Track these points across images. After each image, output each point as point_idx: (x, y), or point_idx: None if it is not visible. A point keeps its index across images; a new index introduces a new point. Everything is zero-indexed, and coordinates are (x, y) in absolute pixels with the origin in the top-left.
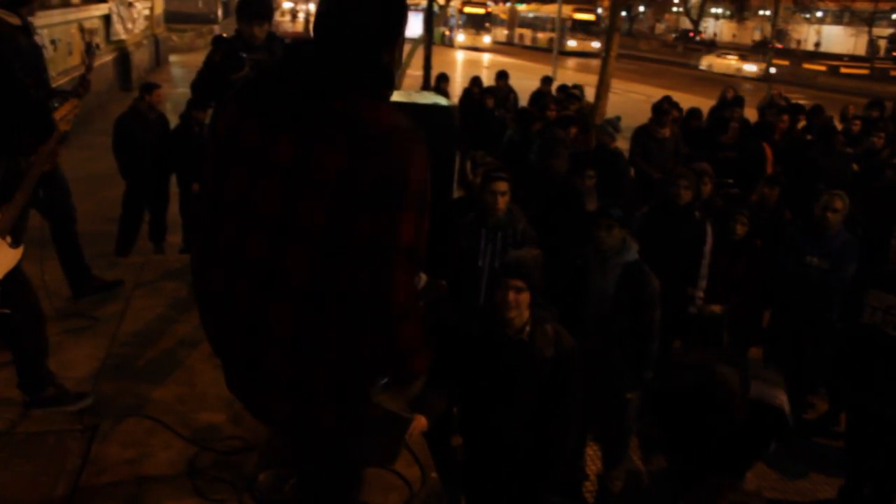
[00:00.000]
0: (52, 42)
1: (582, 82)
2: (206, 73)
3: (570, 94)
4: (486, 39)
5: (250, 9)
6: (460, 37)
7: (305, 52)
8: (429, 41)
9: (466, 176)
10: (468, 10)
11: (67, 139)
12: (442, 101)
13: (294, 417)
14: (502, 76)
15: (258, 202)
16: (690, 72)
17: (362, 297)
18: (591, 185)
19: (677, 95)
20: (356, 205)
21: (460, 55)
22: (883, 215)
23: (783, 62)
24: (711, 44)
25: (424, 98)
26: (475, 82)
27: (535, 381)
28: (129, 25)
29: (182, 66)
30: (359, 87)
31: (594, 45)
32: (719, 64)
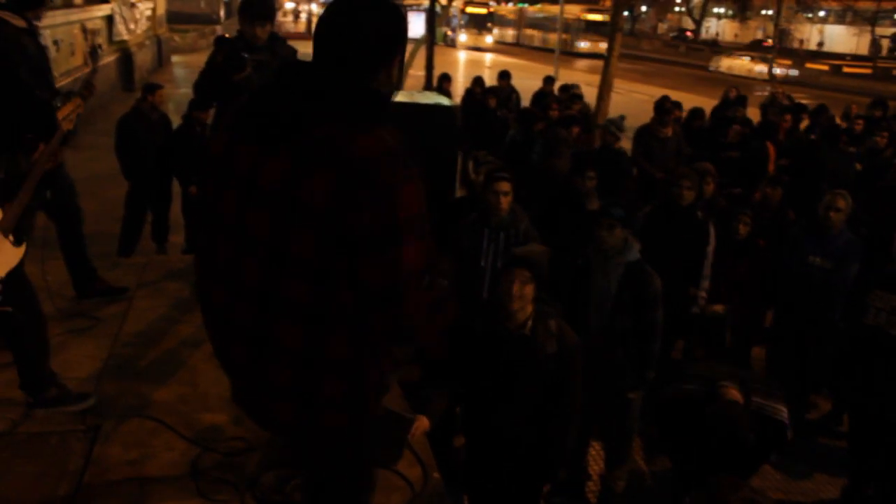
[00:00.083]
0: (55, 43)
1: (589, 83)
2: (209, 74)
3: (573, 94)
4: (489, 39)
5: (252, 9)
6: (462, 37)
7: (296, 74)
8: (431, 41)
9: (469, 176)
10: (470, 10)
11: (71, 139)
12: (444, 101)
13: (298, 424)
14: (504, 76)
15: (251, 226)
16: (694, 72)
17: (372, 317)
18: (592, 186)
19: (680, 95)
20: (350, 246)
21: (462, 55)
22: (886, 215)
23: (786, 62)
24: (713, 43)
25: (427, 98)
26: (477, 82)
27: (536, 376)
28: (132, 26)
29: (184, 67)
30: (349, 112)
31: (602, 47)
32: (738, 66)
